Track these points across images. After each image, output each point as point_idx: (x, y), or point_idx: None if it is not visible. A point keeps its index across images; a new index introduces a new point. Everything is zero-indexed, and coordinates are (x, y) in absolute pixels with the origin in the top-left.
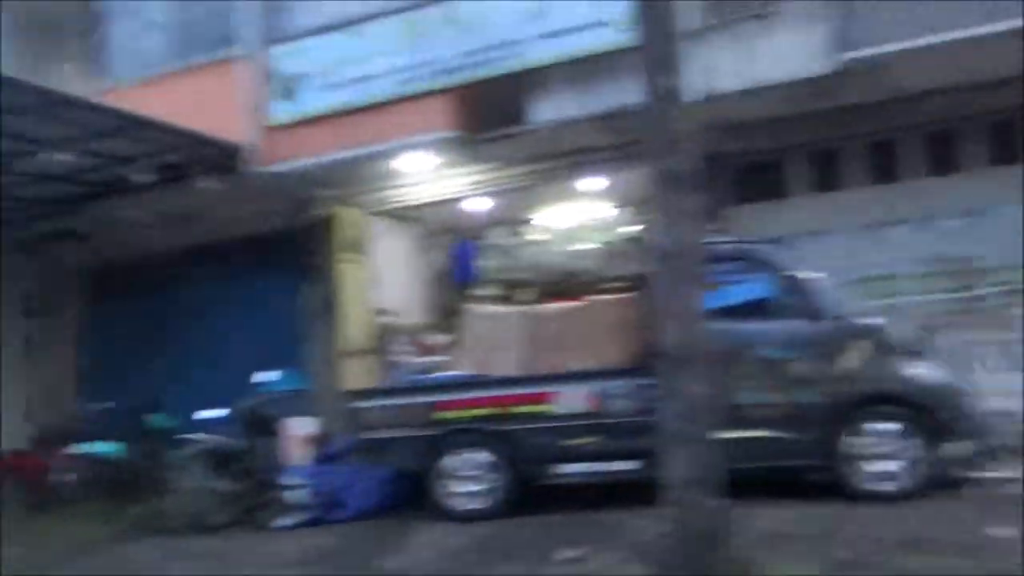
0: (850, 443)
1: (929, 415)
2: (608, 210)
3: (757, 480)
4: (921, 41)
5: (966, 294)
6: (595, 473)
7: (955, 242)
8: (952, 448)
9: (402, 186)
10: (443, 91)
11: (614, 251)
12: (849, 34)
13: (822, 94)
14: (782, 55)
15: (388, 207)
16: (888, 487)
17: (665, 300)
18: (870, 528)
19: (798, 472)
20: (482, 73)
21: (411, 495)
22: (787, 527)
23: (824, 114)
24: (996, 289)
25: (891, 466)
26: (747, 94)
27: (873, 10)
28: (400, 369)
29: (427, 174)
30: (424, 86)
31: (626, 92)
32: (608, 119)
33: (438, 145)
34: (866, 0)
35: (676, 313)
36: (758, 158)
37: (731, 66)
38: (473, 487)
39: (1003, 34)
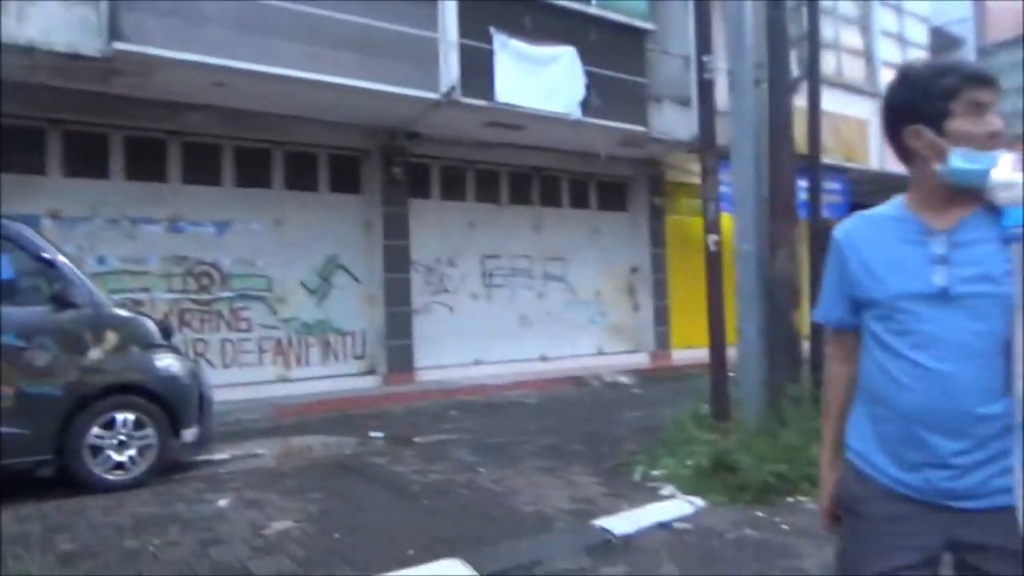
0: (91, 435)
1: (168, 405)
2: None
3: None
4: (186, 56)
5: (207, 296)
6: None
7: (203, 247)
8: (185, 435)
9: None
10: None
11: None
12: (121, 24)
13: (94, 77)
14: (50, 21)
15: None
16: (127, 475)
17: None
18: (104, 517)
19: (30, 468)
20: None
21: None
22: (10, 528)
23: (95, 98)
24: (233, 293)
25: (131, 455)
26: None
27: (147, 10)
28: None
29: None
30: None
31: None
32: None
33: None
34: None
35: None
36: (10, 124)
37: None
38: None
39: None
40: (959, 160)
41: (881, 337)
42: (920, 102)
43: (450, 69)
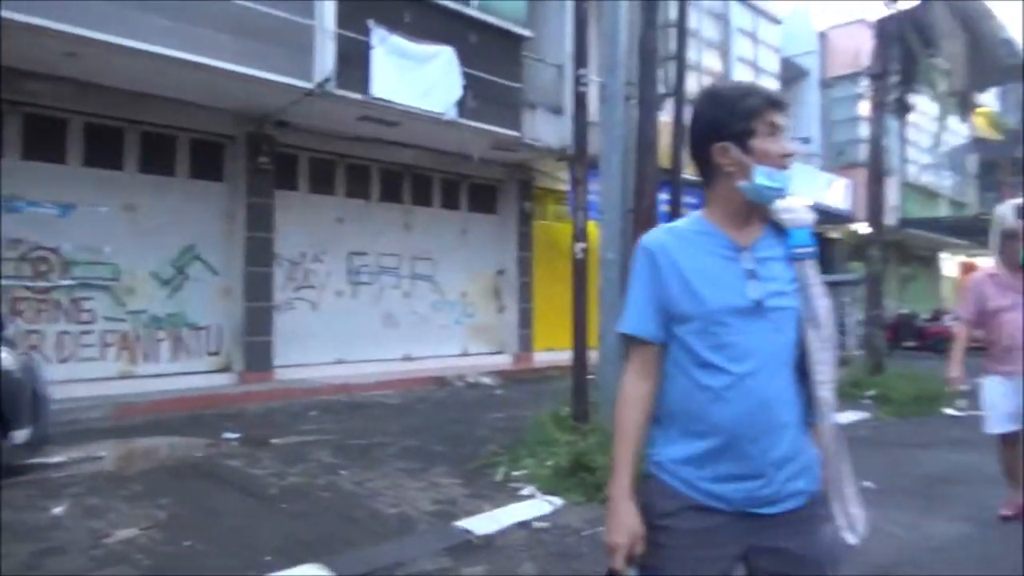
0: None
1: None
2: None
3: None
4: (34, 20)
5: (44, 283)
6: None
7: (42, 230)
8: (16, 436)
9: None
10: None
11: None
12: None
13: None
14: None
15: None
16: None
17: None
18: None
19: None
20: None
21: None
22: None
23: None
24: (74, 282)
25: None
26: None
27: None
28: None
29: None
30: None
31: None
32: None
33: None
34: None
35: None
36: None
37: None
38: None
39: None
40: (762, 177)
41: (698, 352)
42: (727, 120)
43: (325, 59)
